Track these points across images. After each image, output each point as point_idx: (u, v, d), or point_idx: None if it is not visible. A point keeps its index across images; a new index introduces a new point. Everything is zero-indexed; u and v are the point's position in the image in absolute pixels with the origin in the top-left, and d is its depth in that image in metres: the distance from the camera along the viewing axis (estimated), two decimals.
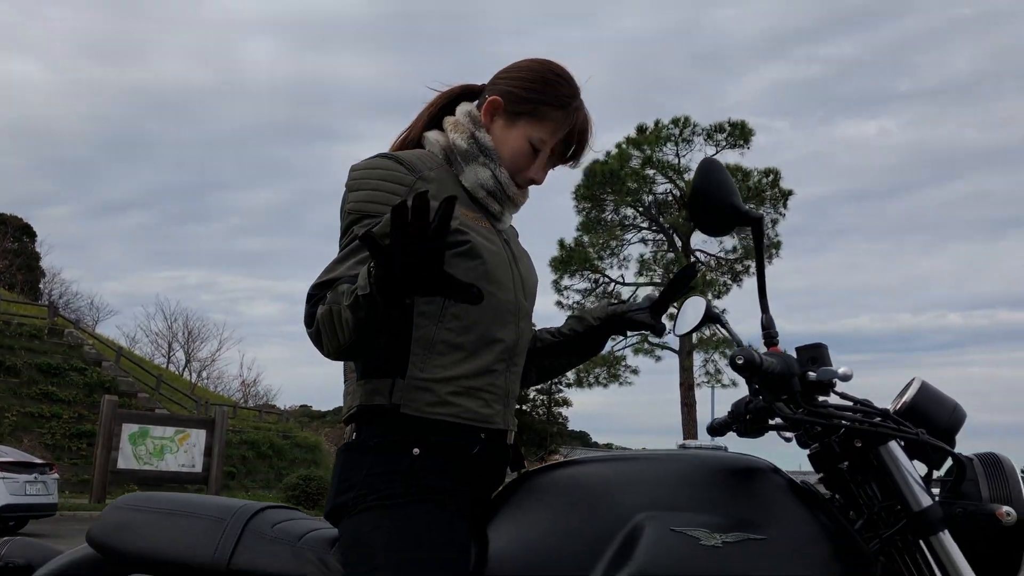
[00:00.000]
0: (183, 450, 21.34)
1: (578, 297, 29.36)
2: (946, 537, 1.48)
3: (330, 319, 1.46)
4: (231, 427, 26.13)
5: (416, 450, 1.59)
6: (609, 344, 2.10)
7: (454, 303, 1.63)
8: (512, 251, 1.82)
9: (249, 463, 28.16)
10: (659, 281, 28.61)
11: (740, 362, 1.41)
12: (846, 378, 1.48)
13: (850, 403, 1.54)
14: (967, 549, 1.49)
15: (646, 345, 28.48)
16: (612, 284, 29.55)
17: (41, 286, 41.69)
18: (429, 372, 1.61)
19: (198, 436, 21.48)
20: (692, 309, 1.89)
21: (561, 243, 29.13)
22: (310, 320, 1.51)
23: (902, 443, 1.54)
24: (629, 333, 2.03)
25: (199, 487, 22.49)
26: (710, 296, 27.44)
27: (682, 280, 1.88)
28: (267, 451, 28.94)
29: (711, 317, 1.86)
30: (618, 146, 28.65)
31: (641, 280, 29.12)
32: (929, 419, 1.58)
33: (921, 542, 1.56)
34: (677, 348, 27.69)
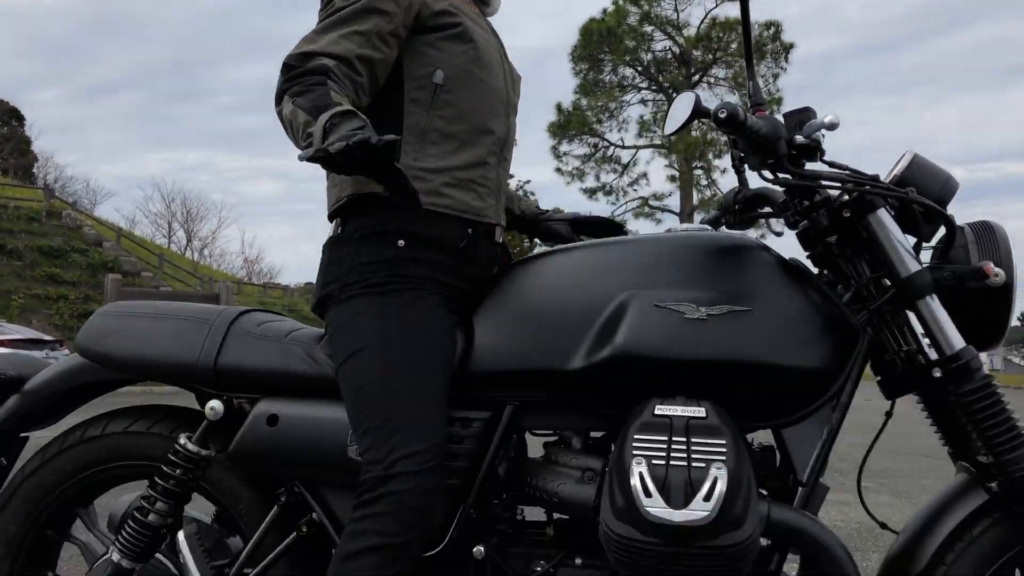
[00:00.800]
0: None
1: (577, 163, 29.03)
2: (933, 301, 1.47)
3: (292, 129, 1.42)
4: (236, 303, 26.38)
5: (401, 242, 1.57)
6: (609, 208, 2.11)
7: (447, 90, 1.59)
8: (500, 41, 1.77)
9: None
10: (660, 143, 28.22)
11: (723, 116, 1.36)
12: (833, 126, 1.43)
13: (839, 169, 1.50)
14: (954, 317, 1.48)
15: (646, 208, 28.37)
16: (612, 148, 29.15)
17: (35, 170, 41.29)
18: (423, 161, 1.58)
19: None
20: (682, 105, 1.82)
21: (559, 107, 28.55)
22: (278, 100, 1.45)
23: (892, 212, 1.51)
24: (539, 242, 2.10)
25: None
26: (710, 156, 27.14)
27: (609, 229, 1.98)
28: None
29: (700, 112, 1.79)
30: (615, 2, 27.66)
31: (641, 142, 28.72)
32: (920, 190, 1.53)
33: (908, 312, 1.55)
34: (678, 211, 27.57)
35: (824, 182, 1.47)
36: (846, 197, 1.51)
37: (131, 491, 1.83)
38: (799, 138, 1.45)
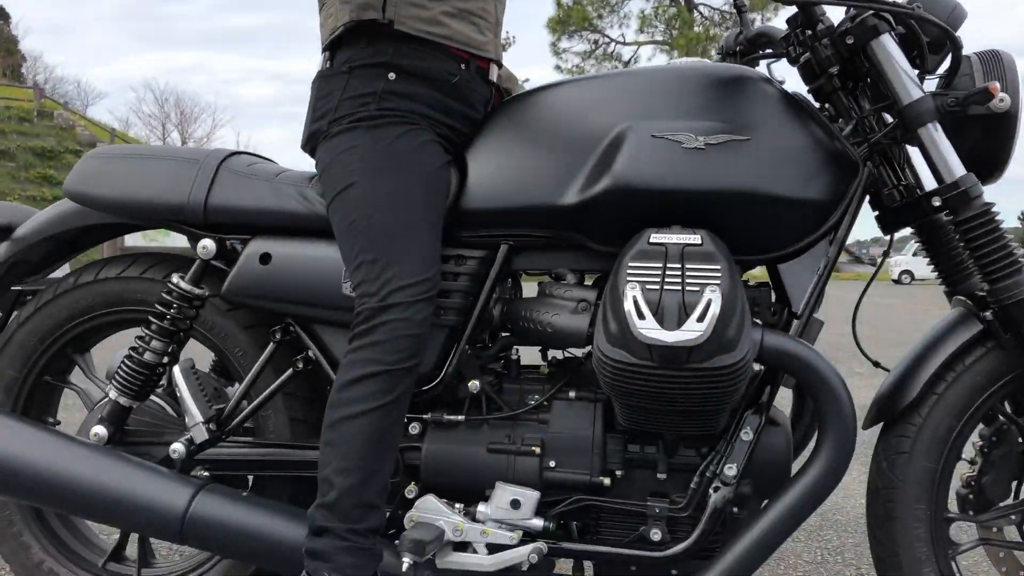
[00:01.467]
0: None
1: (577, 60, 28.42)
2: (935, 129, 1.43)
3: None
4: None
5: (391, 75, 1.53)
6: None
7: None
8: None
9: None
10: (661, 39, 27.58)
11: None
12: None
13: None
14: (955, 146, 1.45)
15: None
16: (612, 44, 28.50)
17: (23, 71, 40.44)
18: None
19: None
20: None
21: (558, 2, 27.78)
22: None
23: (896, 38, 1.46)
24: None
25: None
26: (712, 52, 26.54)
27: None
28: None
29: None
30: None
31: (642, 38, 28.05)
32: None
33: (908, 147, 1.52)
34: None
35: (828, 5, 1.41)
36: (849, 24, 1.46)
37: (127, 347, 1.83)
38: None
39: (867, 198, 1.55)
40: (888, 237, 1.61)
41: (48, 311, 1.78)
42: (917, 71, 1.48)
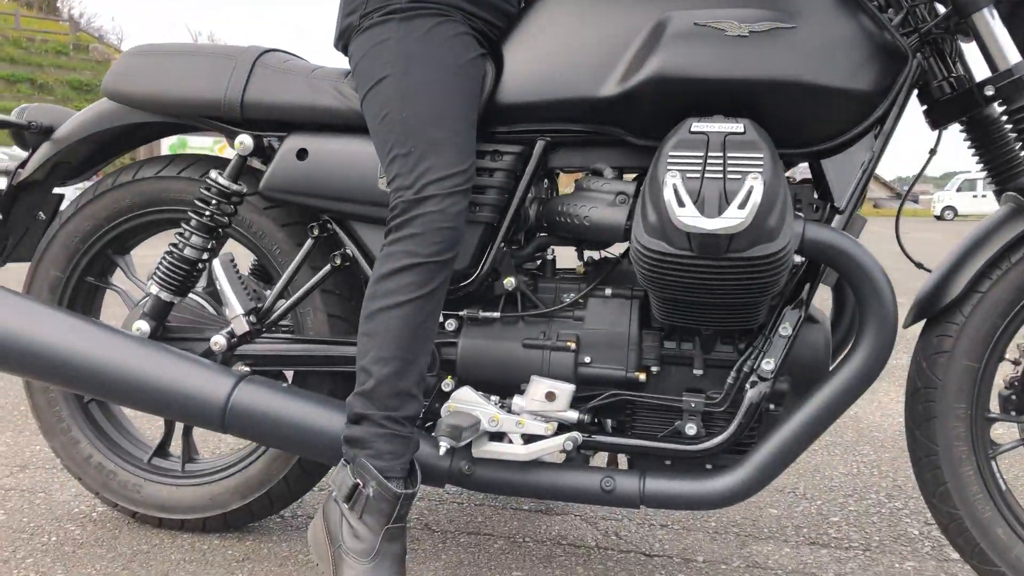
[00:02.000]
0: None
1: None
2: (991, 14, 1.38)
3: None
4: None
5: None
6: None
7: None
8: None
9: None
10: None
11: None
12: None
13: None
14: (1012, 33, 1.40)
15: None
16: None
17: (58, 4, 40.43)
18: None
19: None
20: None
21: None
22: None
23: None
24: None
25: None
26: None
27: None
28: None
29: None
30: None
31: None
32: None
33: (959, 39, 1.47)
34: None
35: None
36: None
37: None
38: None
39: (915, 93, 1.51)
40: (936, 133, 1.56)
41: (88, 211, 1.80)
42: None
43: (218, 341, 1.62)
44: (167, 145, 20.91)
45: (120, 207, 1.79)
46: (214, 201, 1.64)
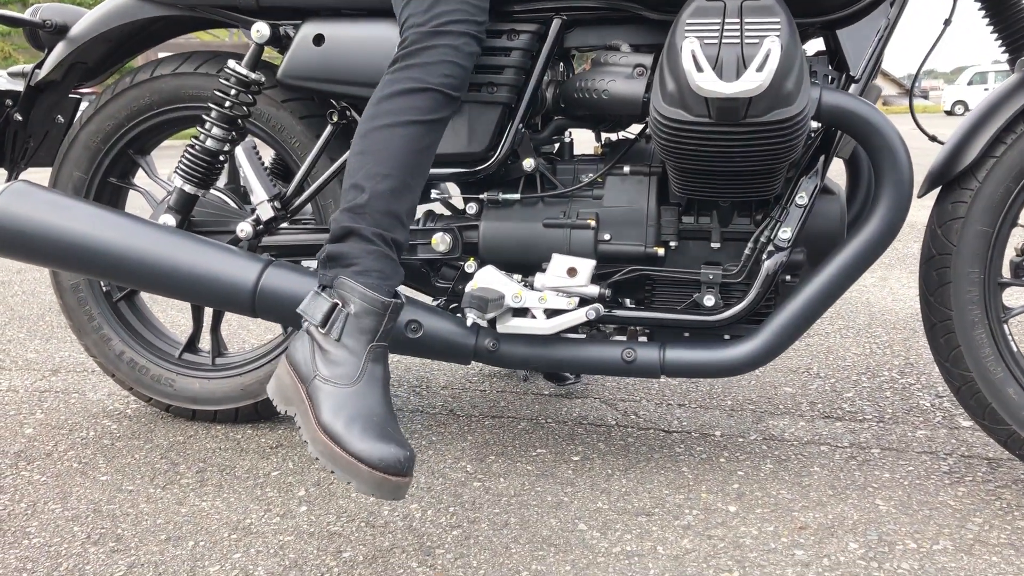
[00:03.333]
0: None
1: None
2: None
3: None
4: None
5: None
6: None
7: None
8: None
9: None
10: None
11: None
12: None
13: None
14: None
15: None
16: None
17: None
18: None
19: None
20: None
21: None
22: None
23: None
24: None
25: None
26: None
27: None
28: None
29: None
30: None
31: None
32: None
33: None
34: None
35: None
36: None
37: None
38: None
39: None
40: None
41: (108, 111, 1.82)
42: None
43: (244, 228, 1.65)
44: None
45: (140, 106, 1.80)
46: (233, 91, 1.65)
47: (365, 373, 1.26)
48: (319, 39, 1.59)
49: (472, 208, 1.62)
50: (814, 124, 1.41)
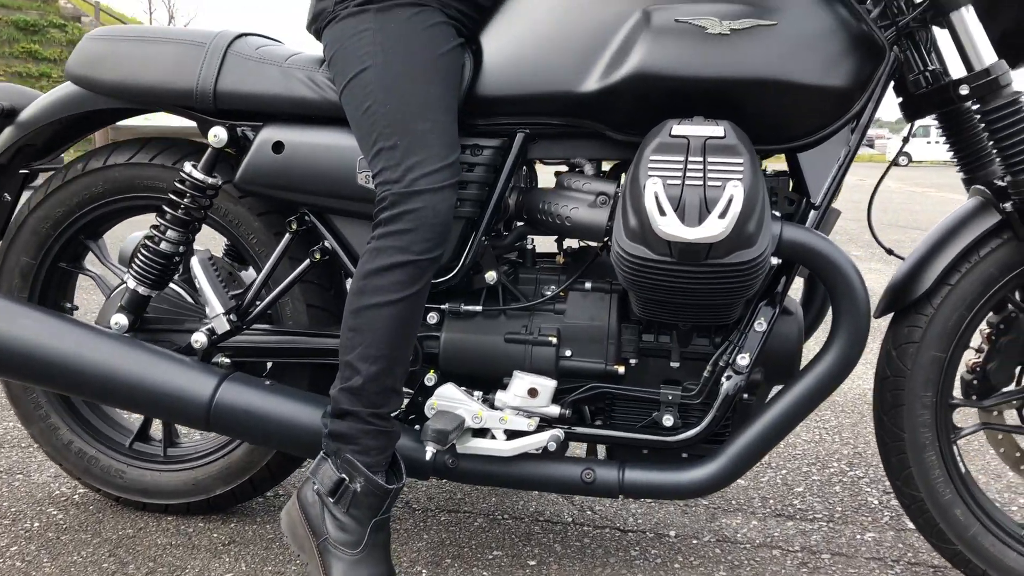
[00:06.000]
0: None
1: None
2: (968, 12, 1.39)
3: None
4: None
5: None
6: None
7: None
8: None
9: None
10: None
11: None
12: None
13: None
14: (987, 27, 1.41)
15: None
16: None
17: None
18: None
19: None
20: None
21: None
22: None
23: None
24: None
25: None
26: None
27: None
28: None
29: None
30: None
31: None
32: None
33: (936, 31, 1.48)
34: None
35: None
36: None
37: (140, 228, 1.83)
38: None
39: (891, 84, 1.52)
40: (908, 125, 1.59)
41: (59, 197, 1.77)
42: None
43: (199, 339, 1.61)
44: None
45: (92, 194, 1.76)
46: (189, 195, 1.62)
47: (369, 542, 1.42)
48: (278, 147, 1.57)
49: (433, 318, 1.60)
50: (774, 260, 1.42)
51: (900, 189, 15.63)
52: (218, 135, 1.59)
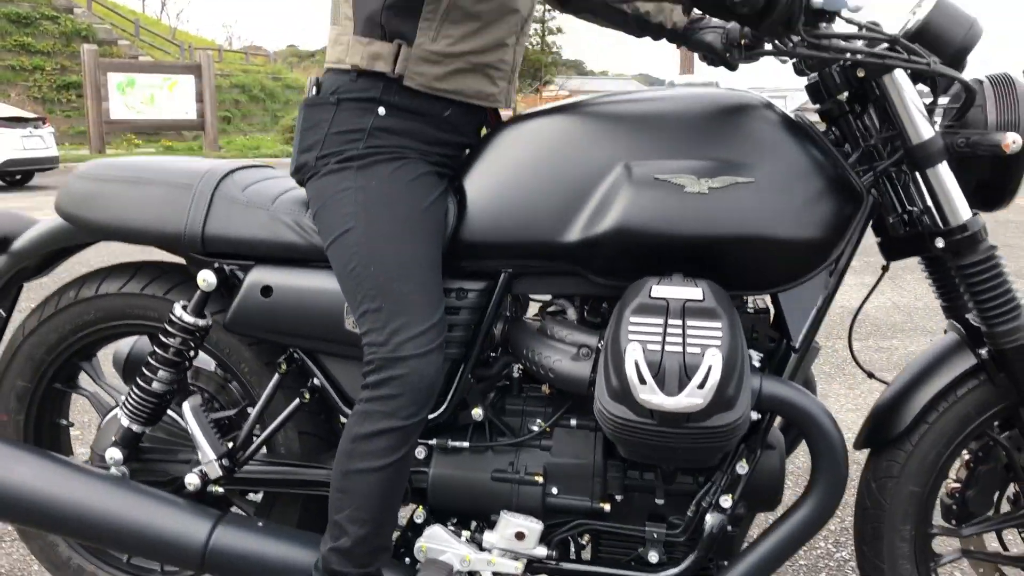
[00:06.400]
0: (174, 97, 21.11)
1: None
2: (943, 168, 1.42)
3: None
4: (219, 71, 25.66)
5: (381, 109, 1.50)
6: None
7: None
8: None
9: (243, 107, 28.00)
10: None
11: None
12: (856, 9, 1.31)
13: (855, 27, 1.39)
14: (962, 176, 1.44)
15: None
16: None
17: None
18: (440, 44, 1.48)
19: (187, 83, 21.13)
20: None
21: None
22: None
23: (908, 70, 1.42)
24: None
25: (196, 133, 22.60)
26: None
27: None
28: (259, 94, 28.68)
29: None
30: None
31: None
32: (942, 39, 1.43)
33: (916, 174, 1.50)
34: None
35: (839, 54, 1.36)
36: (861, 56, 1.41)
37: (130, 338, 1.85)
38: (816, 0, 1.32)
39: (871, 223, 1.55)
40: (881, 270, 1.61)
41: (52, 324, 1.80)
42: (929, 99, 1.45)
43: (192, 481, 1.64)
44: (114, 84, 20.34)
45: (84, 321, 1.78)
46: (179, 337, 1.64)
47: None
48: (267, 291, 1.59)
49: (421, 453, 1.63)
50: (754, 415, 1.45)
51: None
52: (207, 279, 1.61)
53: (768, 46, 1.67)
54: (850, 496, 2.62)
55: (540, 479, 1.56)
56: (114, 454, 1.68)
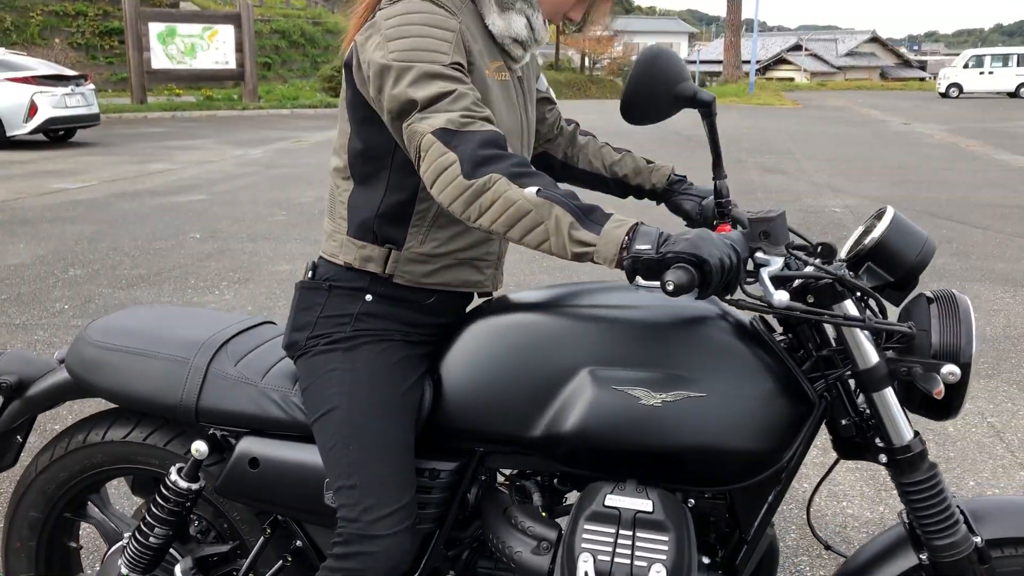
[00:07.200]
0: (214, 47, 21.19)
1: None
2: (888, 393, 1.47)
3: (503, 207, 1.31)
4: (258, 16, 25.60)
5: (369, 296, 1.61)
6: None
7: None
8: (525, 96, 1.69)
9: (283, 52, 27.98)
10: None
11: (671, 289, 1.26)
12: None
13: (801, 262, 1.44)
14: (909, 392, 1.49)
15: None
16: None
17: None
18: (427, 246, 1.59)
19: (227, 32, 21.18)
20: None
21: None
22: (474, 169, 1.32)
23: (856, 301, 1.47)
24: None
25: (236, 83, 22.70)
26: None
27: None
28: (299, 39, 28.60)
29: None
30: None
31: None
32: (896, 259, 1.48)
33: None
34: None
35: (783, 311, 1.40)
36: (812, 281, 1.45)
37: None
38: (759, 255, 1.37)
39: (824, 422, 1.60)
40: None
41: (63, 463, 1.94)
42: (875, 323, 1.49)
43: None
44: (155, 33, 20.44)
45: (91, 463, 1.92)
46: (174, 500, 1.77)
47: None
48: (254, 462, 1.70)
49: None
50: None
51: (942, 142, 15.19)
52: (199, 448, 1.73)
53: None
54: None
55: None
56: None
